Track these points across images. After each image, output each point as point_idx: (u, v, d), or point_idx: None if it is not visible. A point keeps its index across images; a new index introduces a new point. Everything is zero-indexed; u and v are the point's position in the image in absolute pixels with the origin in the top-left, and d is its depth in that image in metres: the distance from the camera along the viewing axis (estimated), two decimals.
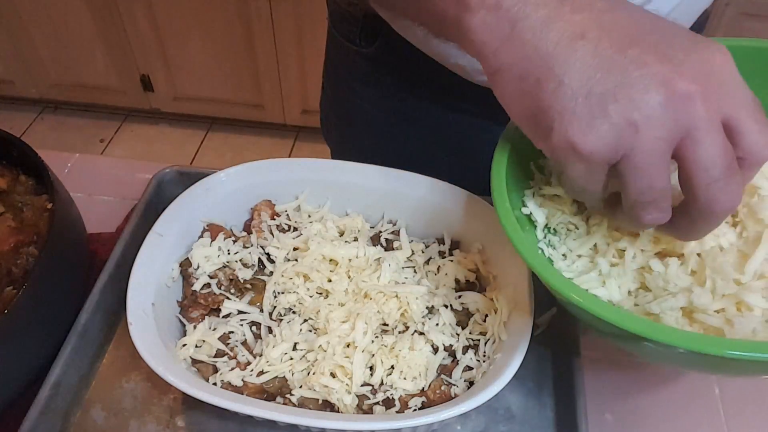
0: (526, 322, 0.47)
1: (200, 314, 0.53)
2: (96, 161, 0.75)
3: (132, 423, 0.51)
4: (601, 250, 0.44)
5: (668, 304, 0.39)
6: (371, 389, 0.48)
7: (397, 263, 0.54)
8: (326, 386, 0.47)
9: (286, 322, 0.51)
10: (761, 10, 1.48)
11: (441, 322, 0.51)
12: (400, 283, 0.53)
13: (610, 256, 0.43)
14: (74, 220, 0.55)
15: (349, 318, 0.50)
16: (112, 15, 1.92)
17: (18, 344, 0.47)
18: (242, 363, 0.50)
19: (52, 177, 0.52)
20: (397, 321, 0.51)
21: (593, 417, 0.50)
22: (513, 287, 0.50)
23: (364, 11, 0.66)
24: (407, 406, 0.47)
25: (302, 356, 0.50)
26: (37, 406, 0.47)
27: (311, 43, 1.85)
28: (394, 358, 0.49)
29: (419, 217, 0.58)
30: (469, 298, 0.52)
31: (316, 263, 0.54)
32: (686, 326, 0.39)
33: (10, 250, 0.51)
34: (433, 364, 0.49)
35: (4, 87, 2.20)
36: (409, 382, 0.48)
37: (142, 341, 0.46)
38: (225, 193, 0.58)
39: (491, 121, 0.70)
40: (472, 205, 0.56)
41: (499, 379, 0.43)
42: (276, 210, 0.59)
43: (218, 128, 2.27)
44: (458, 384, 0.48)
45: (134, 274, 0.50)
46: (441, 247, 0.57)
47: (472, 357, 0.49)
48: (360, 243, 0.55)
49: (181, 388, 0.44)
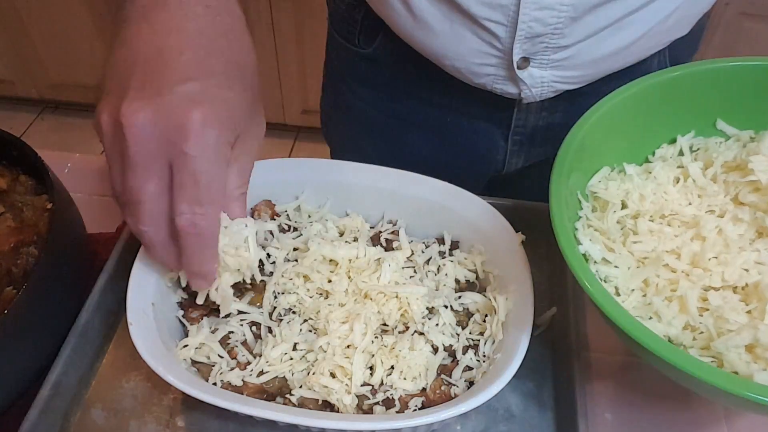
0: (526, 323, 0.47)
1: (200, 314, 0.53)
2: (96, 161, 0.74)
3: (132, 423, 0.51)
4: (652, 283, 0.44)
5: (733, 342, 0.39)
6: (371, 389, 0.48)
7: (397, 263, 0.54)
8: (326, 386, 0.47)
9: (286, 323, 0.51)
10: (761, 10, 1.48)
11: (441, 322, 0.51)
12: (401, 283, 0.53)
13: (663, 291, 0.43)
14: (74, 220, 0.55)
15: (349, 318, 0.50)
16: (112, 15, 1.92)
17: (18, 344, 0.47)
18: (242, 363, 0.50)
19: (52, 177, 0.52)
20: (397, 321, 0.51)
21: (593, 417, 0.50)
22: (513, 287, 0.50)
23: (364, 12, 0.67)
24: (407, 406, 0.47)
25: (302, 356, 0.50)
26: (37, 406, 0.47)
27: (311, 43, 1.85)
28: (394, 358, 0.48)
29: (419, 217, 0.58)
30: (469, 299, 0.52)
31: (316, 264, 0.54)
32: (751, 363, 0.39)
33: (10, 250, 0.51)
34: (433, 364, 0.49)
35: (4, 87, 2.20)
36: (409, 382, 0.48)
37: (142, 341, 0.46)
38: None
39: (489, 123, 0.70)
40: (472, 205, 0.56)
41: (499, 379, 0.43)
42: (276, 210, 0.59)
43: None
44: (458, 384, 0.48)
45: (134, 274, 0.50)
46: (441, 247, 0.57)
47: (472, 357, 0.49)
48: (360, 243, 0.55)
49: (181, 388, 0.44)
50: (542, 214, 0.61)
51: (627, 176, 0.50)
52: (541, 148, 0.72)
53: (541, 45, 0.56)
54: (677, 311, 0.43)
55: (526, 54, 0.57)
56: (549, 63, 0.58)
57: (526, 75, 0.59)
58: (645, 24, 0.57)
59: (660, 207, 0.48)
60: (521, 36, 0.55)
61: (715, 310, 0.42)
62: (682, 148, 0.52)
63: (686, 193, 0.49)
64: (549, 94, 0.62)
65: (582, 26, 0.55)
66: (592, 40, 0.57)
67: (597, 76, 0.61)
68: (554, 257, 0.60)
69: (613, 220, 0.48)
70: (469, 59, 0.60)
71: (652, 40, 0.60)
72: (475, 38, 0.57)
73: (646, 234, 0.47)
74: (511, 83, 0.61)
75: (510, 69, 0.59)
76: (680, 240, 0.46)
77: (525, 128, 0.69)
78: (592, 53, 0.58)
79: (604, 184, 0.50)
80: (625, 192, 0.49)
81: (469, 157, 0.74)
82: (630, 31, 0.57)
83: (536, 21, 0.54)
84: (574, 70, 0.59)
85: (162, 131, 0.37)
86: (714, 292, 0.43)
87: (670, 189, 0.49)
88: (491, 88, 0.62)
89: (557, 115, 0.67)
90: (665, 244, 0.46)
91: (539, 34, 0.55)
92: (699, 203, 0.48)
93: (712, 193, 0.49)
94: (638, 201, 0.48)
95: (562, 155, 0.45)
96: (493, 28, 0.56)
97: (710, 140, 0.52)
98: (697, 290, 0.43)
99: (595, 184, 0.50)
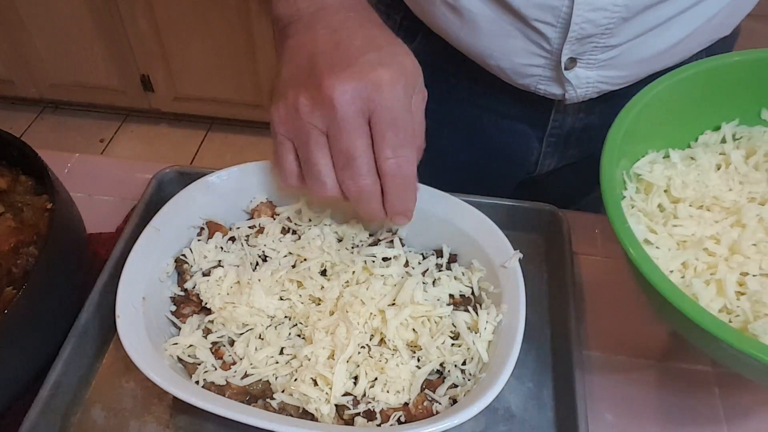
0: (514, 345, 0.46)
1: (191, 311, 0.53)
2: (96, 161, 0.75)
3: (132, 423, 0.51)
4: (691, 266, 0.44)
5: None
6: (353, 400, 0.47)
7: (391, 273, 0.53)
8: (305, 395, 0.46)
9: (274, 326, 0.51)
10: (761, 10, 1.47)
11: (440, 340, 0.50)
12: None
13: (702, 274, 0.44)
14: (74, 220, 0.55)
15: (336, 328, 0.49)
16: (111, 15, 1.92)
17: (18, 344, 0.47)
18: (227, 363, 0.50)
19: (52, 177, 0.52)
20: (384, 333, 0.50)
21: (593, 417, 0.50)
22: (505, 307, 0.49)
23: (403, 13, 0.67)
24: (388, 420, 0.46)
25: (287, 362, 0.49)
26: (37, 406, 0.47)
27: None
28: (378, 370, 0.48)
29: (419, 227, 0.57)
30: (459, 317, 0.51)
31: (310, 271, 0.53)
32: None
33: (10, 250, 0.51)
34: (418, 379, 0.48)
35: (4, 87, 2.20)
36: (392, 395, 0.47)
37: (128, 335, 0.46)
38: (224, 192, 0.58)
39: (525, 124, 0.70)
40: (473, 221, 0.55)
41: (481, 400, 0.43)
42: (276, 212, 0.59)
43: (218, 128, 2.27)
44: (441, 401, 0.47)
45: (127, 268, 0.50)
46: (439, 260, 0.56)
47: (458, 375, 0.48)
48: (356, 251, 0.55)
49: (161, 385, 0.44)
50: (543, 215, 0.61)
51: (671, 163, 0.51)
52: (574, 150, 0.72)
53: (590, 45, 0.56)
54: (715, 294, 0.43)
55: (574, 54, 0.57)
56: (596, 63, 0.58)
57: (572, 75, 0.59)
58: (691, 23, 0.57)
59: (701, 194, 0.48)
60: (572, 37, 0.55)
61: (753, 295, 0.42)
62: (725, 135, 0.52)
63: (728, 179, 0.49)
64: (592, 95, 0.62)
65: (632, 26, 0.55)
66: (639, 40, 0.57)
67: (640, 76, 0.61)
68: (554, 257, 0.60)
69: (655, 203, 0.48)
70: (515, 59, 0.60)
71: (697, 39, 0.60)
72: (524, 38, 0.58)
73: (686, 219, 0.47)
74: (556, 84, 0.61)
75: (556, 69, 0.59)
76: (720, 226, 0.46)
77: (561, 129, 0.69)
78: (638, 53, 0.58)
79: (649, 168, 0.50)
80: (668, 177, 0.49)
81: (503, 159, 0.73)
82: (676, 30, 0.57)
83: (588, 22, 0.54)
84: (619, 70, 0.59)
85: (360, 91, 0.43)
86: (751, 277, 0.43)
87: (711, 175, 0.49)
88: (535, 88, 0.62)
89: (593, 116, 0.68)
90: (705, 230, 0.46)
91: (590, 35, 0.55)
92: (740, 190, 0.48)
93: (754, 180, 0.49)
94: (680, 188, 0.49)
95: (612, 138, 0.46)
96: (543, 29, 0.56)
97: (754, 129, 0.52)
98: (735, 275, 0.43)
99: (641, 166, 0.50)
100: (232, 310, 0.51)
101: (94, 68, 2.09)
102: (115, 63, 2.06)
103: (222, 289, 0.52)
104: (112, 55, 2.04)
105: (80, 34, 1.99)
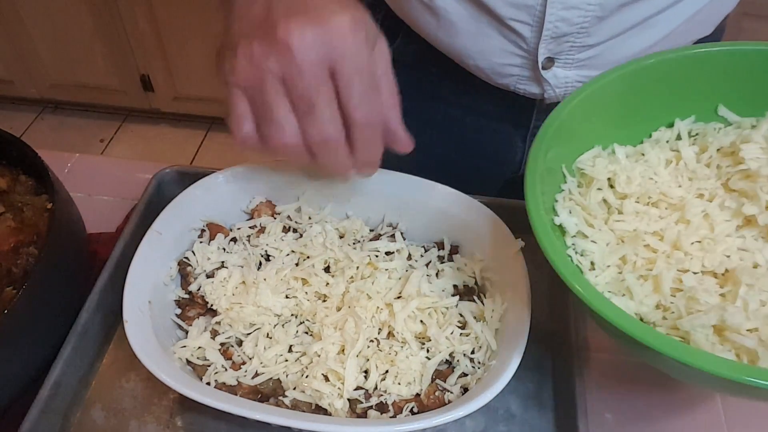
0: (522, 331, 0.46)
1: (197, 313, 0.53)
2: (96, 161, 0.75)
3: (132, 423, 0.51)
4: (630, 261, 0.43)
5: (699, 322, 0.38)
6: (365, 393, 0.47)
7: (395, 267, 0.54)
8: (318, 390, 0.46)
9: (281, 325, 0.51)
10: (761, 10, 1.48)
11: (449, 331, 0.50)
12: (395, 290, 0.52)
13: (639, 269, 0.43)
14: (74, 220, 0.55)
15: (345, 323, 0.50)
16: (111, 15, 1.92)
17: (18, 344, 0.47)
18: (237, 363, 0.50)
19: (52, 177, 0.52)
20: (391, 327, 0.50)
21: (593, 417, 0.50)
22: (510, 294, 0.50)
23: (383, 13, 0.66)
24: (401, 411, 0.47)
25: (297, 359, 0.50)
26: (37, 406, 0.47)
27: None
28: (388, 363, 0.48)
29: (419, 220, 0.58)
30: (465, 307, 0.52)
31: (315, 268, 0.54)
32: (717, 345, 0.38)
33: (10, 250, 0.51)
34: (428, 369, 0.49)
35: (4, 87, 2.20)
36: (404, 387, 0.48)
37: (137, 339, 0.46)
38: (225, 193, 0.58)
39: (508, 124, 0.70)
40: (473, 211, 0.55)
41: (493, 387, 0.43)
42: (276, 211, 0.59)
43: (218, 128, 2.26)
44: (453, 390, 0.47)
45: (132, 272, 0.50)
46: (440, 252, 0.57)
47: (467, 363, 0.49)
48: (359, 247, 0.55)
49: (175, 388, 0.44)
50: None
51: (615, 158, 0.50)
52: None
53: (567, 44, 0.56)
54: (650, 290, 0.42)
55: (551, 54, 0.57)
56: (573, 63, 0.58)
57: (550, 75, 0.59)
58: (670, 23, 0.57)
59: (647, 190, 0.47)
60: (547, 36, 0.55)
61: (688, 291, 0.41)
62: (680, 132, 0.51)
63: (677, 175, 0.48)
64: None
65: (608, 26, 0.55)
66: (617, 40, 0.57)
67: None
68: None
69: (596, 197, 0.47)
70: (493, 59, 0.60)
71: (677, 39, 0.59)
72: (500, 38, 0.58)
73: (631, 214, 0.46)
74: (534, 83, 0.61)
75: (534, 69, 0.59)
76: (665, 222, 0.45)
77: None
78: (616, 53, 0.58)
79: (592, 162, 0.49)
80: (611, 172, 0.48)
81: (487, 158, 0.73)
82: (655, 30, 0.57)
83: (562, 21, 0.54)
84: (598, 70, 0.59)
85: (322, 37, 0.40)
86: (690, 274, 0.42)
87: (660, 170, 0.48)
88: (514, 88, 0.62)
89: None
90: (649, 226, 0.45)
91: (565, 34, 0.55)
92: (689, 186, 0.47)
93: (703, 176, 0.48)
94: (624, 183, 0.48)
95: (544, 129, 0.45)
96: (519, 28, 0.56)
97: (709, 125, 0.51)
98: (673, 271, 0.42)
99: (584, 160, 0.49)
100: (239, 310, 0.51)
101: (94, 68, 2.09)
102: (115, 63, 2.06)
103: (227, 289, 0.52)
104: (112, 55, 2.04)
105: (80, 34, 1.99)
